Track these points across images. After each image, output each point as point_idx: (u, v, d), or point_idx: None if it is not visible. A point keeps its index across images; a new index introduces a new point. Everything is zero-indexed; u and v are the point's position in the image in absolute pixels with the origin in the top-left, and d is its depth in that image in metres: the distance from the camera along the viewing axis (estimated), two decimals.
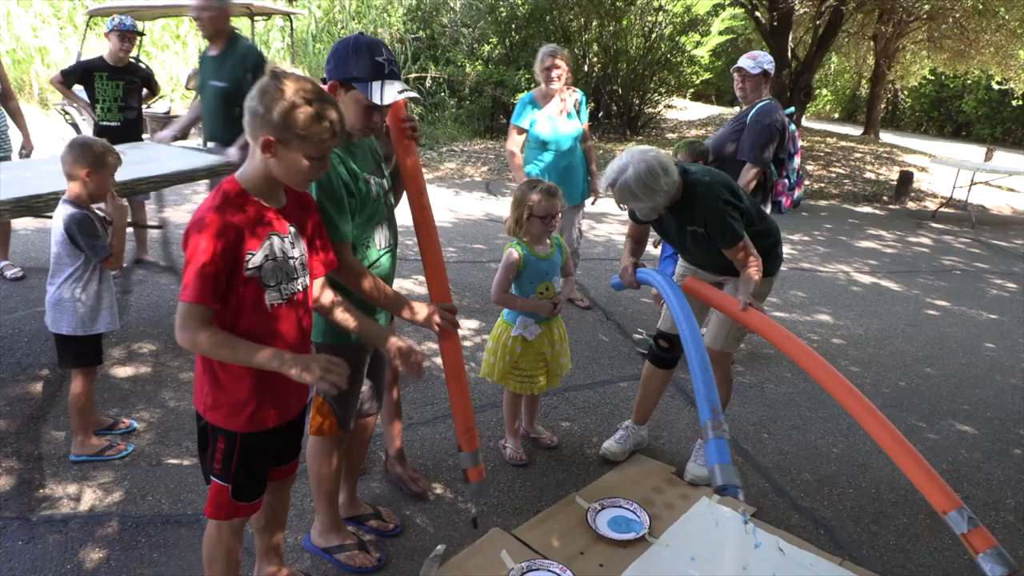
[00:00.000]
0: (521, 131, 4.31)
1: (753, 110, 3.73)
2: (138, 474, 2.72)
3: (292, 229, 1.75)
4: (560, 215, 2.83)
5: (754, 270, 2.54)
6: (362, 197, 2.00)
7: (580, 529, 2.56)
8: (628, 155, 2.47)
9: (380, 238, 2.14)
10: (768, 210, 4.13)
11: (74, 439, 2.79)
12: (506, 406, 2.99)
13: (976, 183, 9.97)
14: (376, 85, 1.90)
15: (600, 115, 14.16)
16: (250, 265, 1.64)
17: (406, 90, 1.94)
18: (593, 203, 4.62)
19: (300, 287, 1.78)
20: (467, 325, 4.41)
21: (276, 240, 1.69)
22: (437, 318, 2.13)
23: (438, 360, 3.88)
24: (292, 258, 1.74)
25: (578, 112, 4.32)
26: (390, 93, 1.91)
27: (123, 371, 3.48)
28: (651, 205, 2.50)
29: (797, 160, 4.29)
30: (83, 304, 2.66)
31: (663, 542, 2.52)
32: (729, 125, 3.89)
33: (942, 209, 9.96)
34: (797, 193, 4.35)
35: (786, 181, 4.25)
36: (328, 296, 1.92)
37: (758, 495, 2.88)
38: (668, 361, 2.99)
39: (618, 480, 2.88)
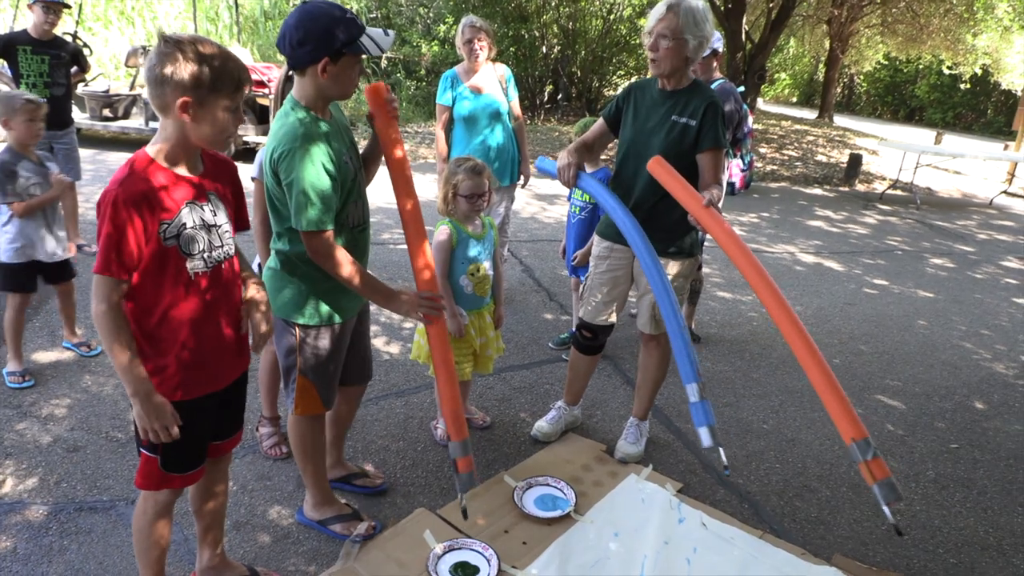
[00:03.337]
0: (446, 109, 4.10)
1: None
2: (54, 460, 2.64)
3: (212, 196, 1.73)
4: (488, 195, 2.79)
5: (718, 190, 2.49)
6: (343, 178, 1.99)
7: (506, 508, 2.56)
8: None
9: (355, 215, 2.12)
10: (722, 192, 4.13)
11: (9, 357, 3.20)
12: (439, 386, 2.97)
13: (922, 165, 10.19)
14: (367, 41, 1.91)
15: (559, 97, 14.14)
16: (167, 234, 1.62)
17: (388, 32, 1.98)
18: (523, 185, 4.41)
19: (225, 255, 1.76)
20: None
21: (194, 208, 1.67)
22: (420, 311, 2.10)
23: (376, 343, 3.84)
24: (213, 226, 1.72)
25: (504, 88, 4.10)
26: (384, 42, 1.94)
27: (46, 356, 3.37)
28: (699, 37, 2.51)
29: (749, 141, 4.31)
30: (7, 234, 3.07)
31: (588, 519, 2.53)
32: None
33: (889, 191, 10.16)
34: (749, 174, 4.38)
35: (740, 162, 4.26)
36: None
37: (686, 471, 2.91)
38: (593, 349, 2.99)
39: (548, 459, 2.89)
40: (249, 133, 7.89)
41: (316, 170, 1.89)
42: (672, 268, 2.73)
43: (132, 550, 2.13)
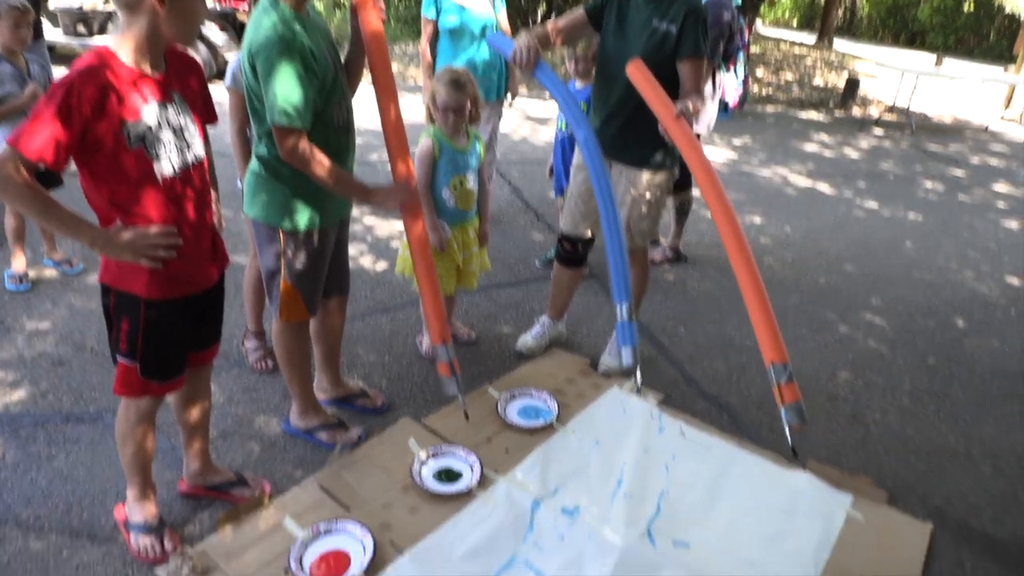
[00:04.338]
0: (430, 22, 3.97)
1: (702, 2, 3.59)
2: (39, 373, 2.66)
3: (176, 97, 1.68)
4: (471, 110, 2.72)
5: (697, 100, 2.42)
6: (322, 74, 1.95)
7: (490, 418, 2.60)
8: None
9: (339, 116, 2.09)
10: (715, 111, 4.05)
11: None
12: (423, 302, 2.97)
13: (919, 89, 10.01)
14: None
15: (554, 16, 13.70)
16: (131, 136, 1.57)
17: None
18: (510, 104, 4.31)
19: (194, 158, 1.72)
20: (398, 227, 4.35)
21: (158, 109, 1.62)
22: (399, 201, 2.14)
23: (363, 261, 3.84)
24: (180, 128, 1.67)
25: (492, 0, 3.96)
26: None
27: (29, 273, 3.34)
28: None
29: (744, 56, 4.19)
30: None
31: (570, 429, 2.58)
32: None
33: (885, 115, 10.02)
34: (744, 92, 4.28)
35: (735, 78, 4.16)
36: None
37: (668, 384, 2.96)
38: (575, 261, 2.99)
39: (532, 372, 2.92)
40: (232, 50, 7.64)
41: (294, 65, 1.86)
42: (648, 179, 2.70)
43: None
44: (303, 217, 2.10)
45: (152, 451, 1.95)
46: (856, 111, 10.51)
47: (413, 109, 7.16)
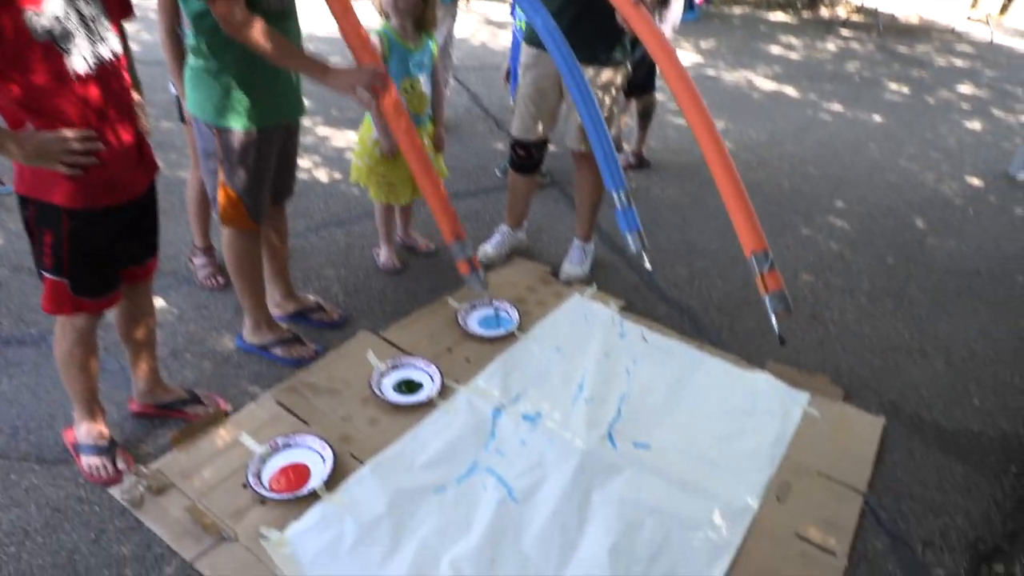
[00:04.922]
0: None
1: None
2: None
3: None
4: (424, 8, 2.54)
5: None
6: None
7: (450, 329, 2.56)
8: None
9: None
10: (680, 8, 3.87)
11: None
12: (378, 212, 2.87)
13: None
14: None
15: None
16: (38, 28, 1.41)
17: None
18: (467, 7, 4.07)
19: (110, 52, 1.57)
20: (352, 137, 4.17)
21: None
22: (365, 83, 1.93)
23: (317, 173, 3.68)
24: (91, 19, 1.52)
25: None
26: None
27: None
28: None
29: None
30: None
31: (531, 337, 2.56)
32: None
33: (853, 16, 9.81)
34: None
35: None
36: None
37: (630, 289, 2.94)
38: (529, 167, 2.89)
39: (493, 282, 2.85)
40: None
41: None
42: (607, 77, 2.59)
43: None
44: (241, 115, 1.96)
45: (95, 371, 1.88)
46: (824, 12, 10.26)
47: (366, 18, 6.76)
